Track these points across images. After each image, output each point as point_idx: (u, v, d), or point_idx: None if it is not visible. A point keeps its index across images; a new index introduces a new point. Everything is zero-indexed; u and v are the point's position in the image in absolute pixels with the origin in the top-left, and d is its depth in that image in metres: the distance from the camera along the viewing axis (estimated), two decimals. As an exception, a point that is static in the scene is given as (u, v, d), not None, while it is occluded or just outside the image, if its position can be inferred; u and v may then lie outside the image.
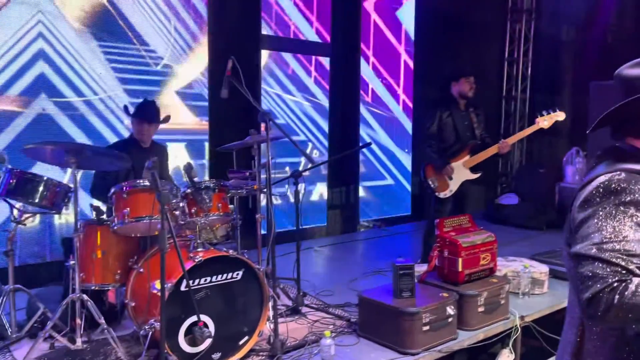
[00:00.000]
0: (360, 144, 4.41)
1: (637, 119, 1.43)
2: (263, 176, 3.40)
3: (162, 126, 3.74)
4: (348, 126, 6.25)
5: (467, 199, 4.58)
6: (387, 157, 6.81)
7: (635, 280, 1.26)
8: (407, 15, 6.87)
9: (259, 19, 5.34)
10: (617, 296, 1.24)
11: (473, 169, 4.44)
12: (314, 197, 6.08)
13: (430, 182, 4.48)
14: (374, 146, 6.61)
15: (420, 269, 3.70)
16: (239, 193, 3.51)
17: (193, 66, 5.00)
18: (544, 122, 4.33)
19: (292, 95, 5.81)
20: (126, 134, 4.16)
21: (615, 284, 1.26)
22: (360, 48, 6.30)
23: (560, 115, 4.30)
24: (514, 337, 3.48)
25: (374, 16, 6.50)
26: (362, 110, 6.50)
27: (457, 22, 7.01)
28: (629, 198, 1.31)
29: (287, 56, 5.79)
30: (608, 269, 1.27)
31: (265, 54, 5.60)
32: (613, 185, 1.34)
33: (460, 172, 4.44)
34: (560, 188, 6.86)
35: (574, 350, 1.49)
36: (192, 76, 5.02)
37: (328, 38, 6.02)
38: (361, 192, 6.52)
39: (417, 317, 2.99)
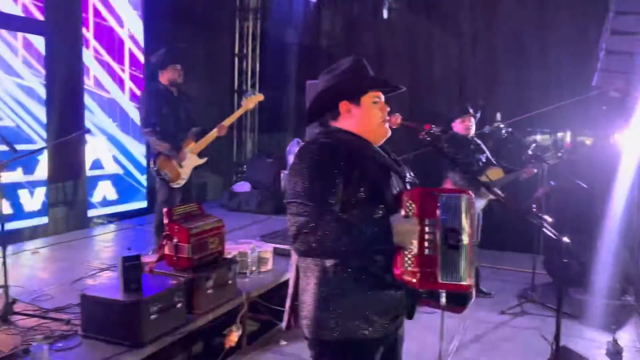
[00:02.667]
0: (77, 132, 4.01)
1: (329, 110, 1.88)
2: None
3: None
4: (70, 113, 5.68)
5: (192, 186, 4.68)
6: (117, 147, 6.45)
7: (327, 217, 1.59)
8: (133, 6, 6.59)
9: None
10: (312, 233, 1.57)
11: (200, 155, 4.57)
12: (30, 194, 5.38)
13: (164, 174, 4.43)
14: (104, 137, 6.20)
15: (153, 259, 3.64)
16: None
17: None
18: (249, 103, 4.82)
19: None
20: None
21: (312, 223, 1.58)
22: (82, 28, 5.79)
23: (260, 97, 4.86)
24: (241, 313, 3.72)
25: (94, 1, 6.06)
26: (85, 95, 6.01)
27: (189, 17, 7.04)
28: (314, 157, 1.69)
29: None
30: (305, 209, 1.61)
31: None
32: (302, 151, 1.75)
33: (190, 159, 4.52)
34: (283, 175, 7.54)
35: (292, 291, 1.81)
36: None
37: (39, 16, 5.35)
38: (92, 186, 6.05)
39: (144, 307, 2.93)
